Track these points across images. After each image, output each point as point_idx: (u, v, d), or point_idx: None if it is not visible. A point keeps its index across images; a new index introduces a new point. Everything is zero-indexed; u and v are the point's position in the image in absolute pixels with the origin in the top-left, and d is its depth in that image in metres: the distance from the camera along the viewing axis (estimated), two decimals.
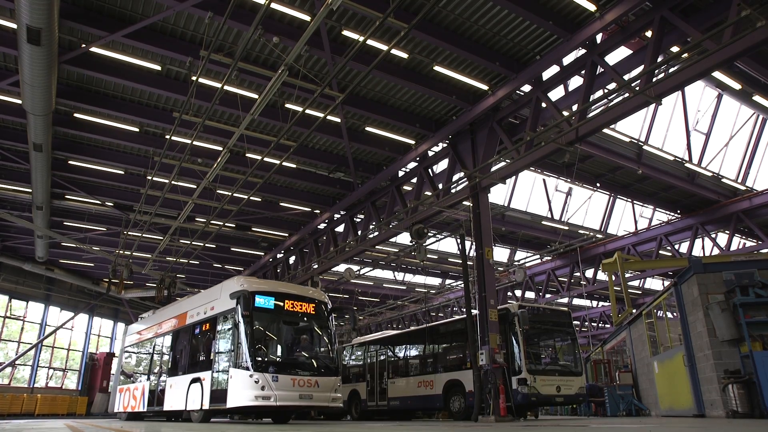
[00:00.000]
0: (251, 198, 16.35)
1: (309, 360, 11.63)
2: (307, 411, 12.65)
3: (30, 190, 17.31)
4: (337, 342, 12.81)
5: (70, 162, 16.69)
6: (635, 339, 18.41)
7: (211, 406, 11.21)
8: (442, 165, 16.36)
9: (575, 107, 12.18)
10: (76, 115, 14.44)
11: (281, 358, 11.31)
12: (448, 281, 30.72)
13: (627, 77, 11.41)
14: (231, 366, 10.76)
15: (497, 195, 26.14)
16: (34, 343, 28.48)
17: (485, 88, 13.14)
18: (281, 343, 11.57)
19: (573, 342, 14.49)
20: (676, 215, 21.80)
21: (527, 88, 12.98)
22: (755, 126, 19.17)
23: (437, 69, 12.59)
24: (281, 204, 19.71)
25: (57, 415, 25.32)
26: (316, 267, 20.60)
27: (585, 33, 11.02)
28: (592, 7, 10.65)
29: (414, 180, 16.73)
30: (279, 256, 24.35)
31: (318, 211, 20.19)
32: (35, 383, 28.44)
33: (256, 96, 12.67)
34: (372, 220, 18.06)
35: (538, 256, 25.47)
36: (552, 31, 11.32)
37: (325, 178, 17.60)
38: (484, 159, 13.65)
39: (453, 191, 14.74)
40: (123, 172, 17.51)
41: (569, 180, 18.64)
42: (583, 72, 11.87)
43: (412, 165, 16.53)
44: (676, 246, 22.82)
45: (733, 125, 19.41)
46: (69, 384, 30.43)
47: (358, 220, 19.54)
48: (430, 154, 16.08)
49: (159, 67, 12.68)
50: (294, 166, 16.86)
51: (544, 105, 12.64)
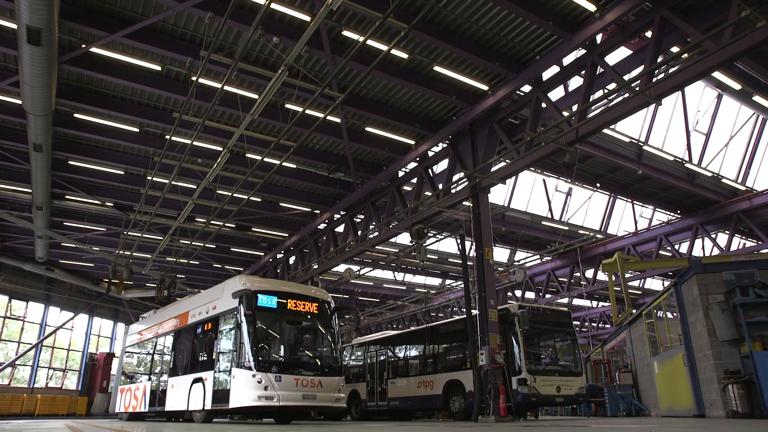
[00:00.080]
0: (251, 198, 16.36)
1: (312, 360, 11.53)
2: (307, 411, 12.61)
3: (30, 190, 17.32)
4: (341, 342, 12.77)
5: (70, 162, 16.70)
6: (635, 339, 18.41)
7: (214, 406, 11.12)
8: (442, 165, 16.36)
9: (575, 107, 12.18)
10: (76, 115, 14.45)
11: (284, 357, 11.22)
12: (448, 281, 30.71)
13: (627, 77, 11.41)
14: (233, 366, 10.65)
15: (497, 195, 26.21)
16: (34, 344, 28.48)
17: (485, 88, 13.15)
18: (284, 343, 11.47)
19: (573, 342, 14.50)
20: (676, 215, 21.79)
21: (527, 88, 12.98)
22: (755, 126, 19.17)
23: (437, 69, 12.60)
24: (281, 204, 19.71)
25: (57, 416, 25.33)
26: (316, 267, 20.59)
27: (585, 33, 11.02)
28: (592, 8, 10.65)
29: (414, 180, 16.72)
30: (279, 256, 24.35)
31: (318, 212, 20.19)
32: (35, 383, 28.44)
33: (256, 96, 12.67)
34: (372, 220, 18.06)
35: (538, 256, 25.48)
36: (552, 32, 11.33)
37: (325, 178, 17.60)
38: (484, 159, 13.65)
39: (453, 191, 14.74)
40: (123, 172, 17.52)
41: (569, 180, 18.64)
42: (583, 72, 11.88)
43: (412, 165, 16.54)
44: (676, 246, 22.81)
45: (733, 125, 19.43)
46: (69, 384, 30.43)
47: (358, 220, 19.54)
48: (430, 154, 16.08)
49: (159, 67, 12.69)
50: (294, 166, 16.86)
51: (544, 105, 12.64)
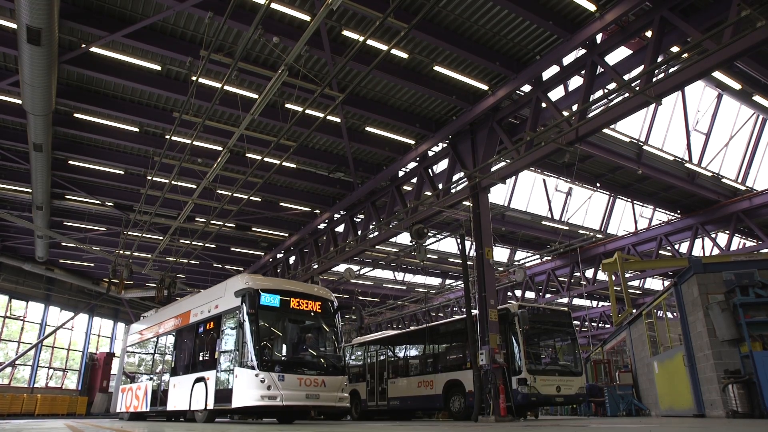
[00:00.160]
0: (251, 198, 16.35)
1: (316, 359, 11.46)
2: (307, 410, 12.59)
3: (30, 190, 17.32)
4: (344, 341, 12.70)
5: (70, 162, 16.70)
6: (635, 339, 18.41)
7: (216, 406, 11.04)
8: (442, 165, 16.36)
9: (575, 107, 12.18)
10: (76, 115, 14.45)
11: (287, 356, 11.12)
12: (448, 281, 30.72)
13: (627, 77, 11.41)
14: (236, 365, 10.55)
15: (497, 195, 26.18)
16: (34, 343, 28.48)
17: (485, 88, 13.15)
18: (287, 342, 11.36)
19: (573, 342, 14.50)
20: (676, 215, 21.79)
21: (527, 88, 12.97)
22: (755, 126, 19.18)
23: (437, 69, 12.60)
24: (281, 204, 19.71)
25: (57, 415, 25.33)
26: (316, 267, 20.59)
27: (585, 33, 11.02)
28: (592, 7, 10.65)
29: (414, 180, 16.72)
30: (279, 256, 24.35)
31: (318, 211, 20.19)
32: (35, 383, 28.43)
33: (256, 96, 12.67)
34: (372, 220, 18.06)
35: (538, 256, 25.48)
36: (552, 31, 11.32)
37: (325, 178, 17.60)
38: (484, 159, 13.65)
39: (453, 191, 14.74)
40: (123, 172, 17.52)
41: (569, 180, 18.63)
42: (583, 72, 11.88)
43: (412, 165, 16.53)
44: (676, 246, 22.82)
45: (733, 125, 19.44)
46: (69, 384, 30.42)
47: (358, 220, 19.54)
48: (430, 154, 16.08)
49: (159, 67, 12.69)
50: (294, 166, 16.87)
51: (544, 105, 12.64)
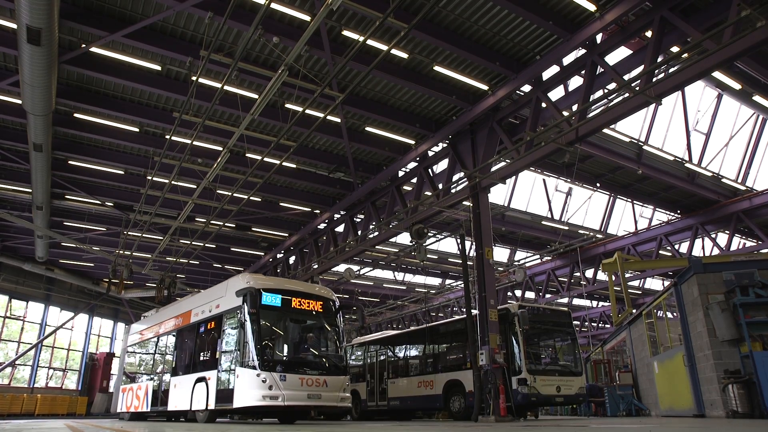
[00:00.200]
0: (251, 198, 16.35)
1: (317, 359, 11.44)
2: (308, 410, 12.58)
3: (30, 190, 17.32)
4: (346, 340, 12.69)
5: (70, 162, 16.70)
6: (635, 339, 18.41)
7: (217, 406, 11.00)
8: (442, 165, 16.36)
9: (575, 107, 12.18)
10: (76, 115, 14.45)
11: (289, 356, 11.08)
12: (448, 281, 30.72)
13: (627, 77, 11.41)
14: (237, 365, 10.51)
15: (497, 195, 26.18)
16: (34, 343, 28.48)
17: (485, 88, 13.15)
18: (289, 342, 11.33)
19: (573, 342, 14.50)
20: (676, 215, 21.79)
21: (527, 88, 12.97)
22: (755, 126, 19.18)
23: (437, 69, 12.60)
24: (281, 204, 19.71)
25: (57, 415, 25.32)
26: (316, 267, 20.60)
27: (585, 33, 11.02)
28: (592, 7, 10.65)
29: (414, 180, 16.72)
30: (279, 256, 24.35)
31: (318, 211, 20.19)
32: (35, 383, 28.43)
33: (256, 96, 12.67)
34: (372, 220, 18.06)
35: (538, 256, 25.48)
36: (552, 31, 11.32)
37: (325, 178, 17.60)
38: (484, 159, 13.65)
39: (453, 191, 14.74)
40: (123, 172, 17.52)
41: (569, 180, 18.63)
42: (583, 72, 11.88)
43: (412, 165, 16.53)
44: (676, 246, 22.82)
45: (733, 125, 19.44)
46: (69, 384, 30.42)
47: (358, 220, 19.54)
48: (430, 154, 16.08)
49: (159, 67, 12.69)
50: (294, 166, 16.87)
51: (544, 105, 12.64)
